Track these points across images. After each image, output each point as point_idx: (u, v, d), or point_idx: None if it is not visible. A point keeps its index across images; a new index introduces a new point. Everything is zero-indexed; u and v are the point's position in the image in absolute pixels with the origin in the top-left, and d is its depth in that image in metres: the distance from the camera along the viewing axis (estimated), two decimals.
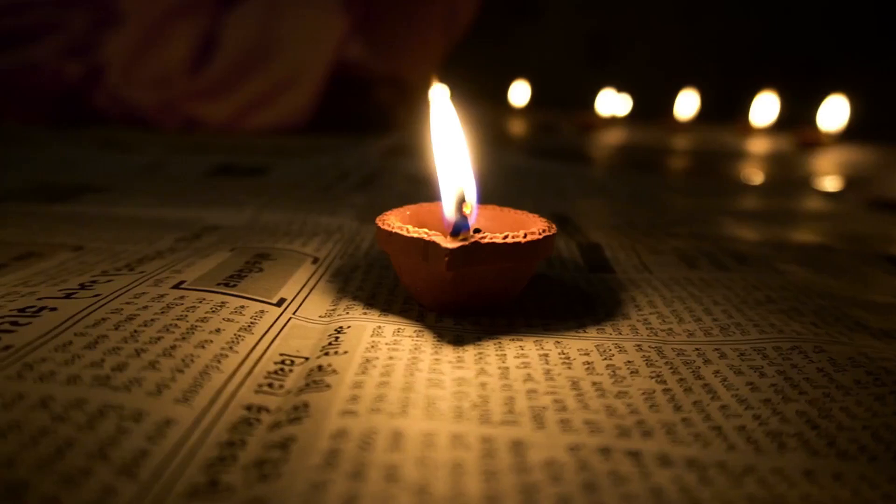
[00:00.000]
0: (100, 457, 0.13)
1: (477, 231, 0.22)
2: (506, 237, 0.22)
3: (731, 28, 1.43)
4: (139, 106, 0.88)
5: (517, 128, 1.19)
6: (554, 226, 0.24)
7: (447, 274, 0.21)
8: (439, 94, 0.23)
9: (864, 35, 1.30)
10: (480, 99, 1.21)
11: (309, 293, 0.25)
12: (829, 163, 0.84)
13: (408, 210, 0.26)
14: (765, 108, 1.13)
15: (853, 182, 0.66)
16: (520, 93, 1.47)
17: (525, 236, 0.22)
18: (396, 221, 0.23)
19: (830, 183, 0.65)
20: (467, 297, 0.23)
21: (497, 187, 0.51)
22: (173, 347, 0.18)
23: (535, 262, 0.23)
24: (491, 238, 0.22)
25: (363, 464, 0.14)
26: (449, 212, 0.22)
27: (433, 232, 0.22)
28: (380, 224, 0.23)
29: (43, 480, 0.12)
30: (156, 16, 0.92)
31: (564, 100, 1.43)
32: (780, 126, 1.13)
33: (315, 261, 0.28)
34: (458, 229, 0.22)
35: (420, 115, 1.07)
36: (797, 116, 1.09)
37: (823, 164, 0.83)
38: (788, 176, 0.70)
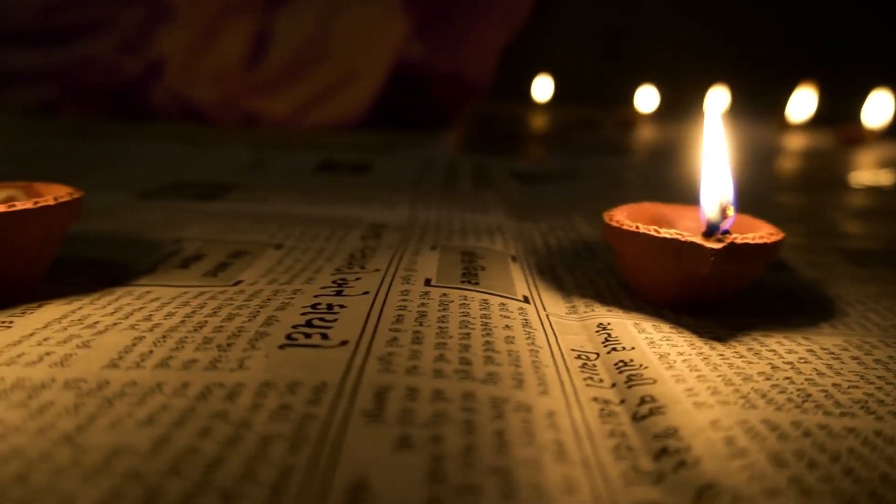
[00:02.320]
0: (531, 445, 0.14)
1: (725, 232, 0.23)
2: (754, 238, 0.23)
3: (756, 20, 1.44)
4: (198, 102, 0.88)
5: (549, 124, 1.20)
6: (778, 229, 0.25)
7: (702, 273, 0.22)
8: (713, 105, 0.24)
9: None
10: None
11: (537, 291, 0.26)
12: (876, 160, 0.85)
13: (625, 210, 0.27)
14: (802, 103, 1.15)
15: None
16: (543, 88, 1.47)
17: (770, 237, 0.23)
18: (629, 221, 0.24)
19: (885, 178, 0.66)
20: (708, 295, 0.24)
21: (598, 183, 0.52)
22: (488, 342, 0.19)
23: (769, 262, 0.25)
24: (743, 239, 0.23)
25: (774, 452, 0.15)
26: (711, 213, 0.23)
27: (685, 232, 0.23)
28: (614, 223, 0.24)
29: (519, 468, 0.13)
30: (211, 12, 0.92)
31: (585, 95, 1.43)
32: (817, 122, 1.14)
33: (514, 258, 0.29)
34: (713, 230, 0.23)
35: (474, 112, 1.07)
36: (834, 112, 1.10)
37: (870, 160, 0.84)
38: (853, 173, 0.72)
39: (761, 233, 0.24)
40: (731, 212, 0.23)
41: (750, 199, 0.49)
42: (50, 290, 0.23)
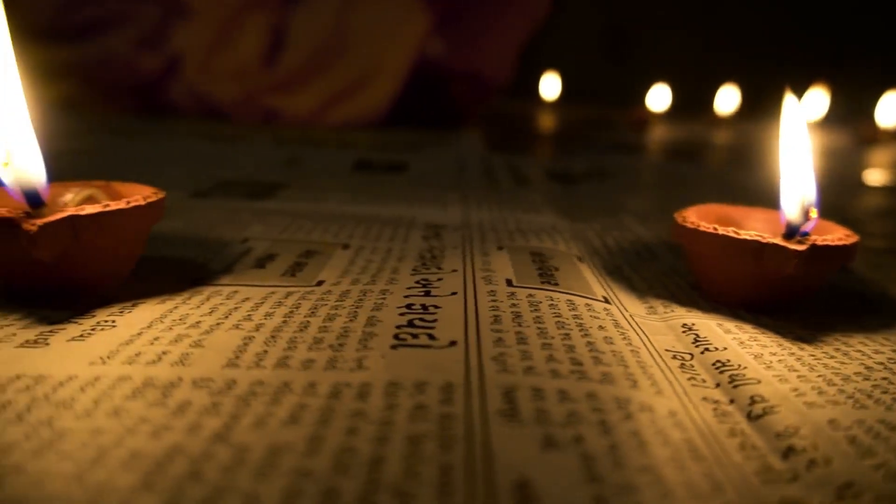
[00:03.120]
0: (667, 445, 0.15)
1: (804, 234, 0.24)
2: (833, 240, 0.23)
3: (767, 19, 1.43)
4: (218, 99, 0.88)
5: (561, 123, 1.20)
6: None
7: (784, 274, 0.23)
8: (792, 103, 0.24)
9: None
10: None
11: (612, 292, 0.26)
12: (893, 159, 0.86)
13: (693, 211, 0.27)
14: (814, 102, 1.15)
15: None
16: (550, 86, 1.46)
17: (847, 238, 0.24)
18: (704, 223, 0.25)
19: None
20: (784, 296, 0.24)
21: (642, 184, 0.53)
22: (589, 343, 0.20)
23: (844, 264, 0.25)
24: (823, 241, 0.23)
25: None
26: (791, 214, 0.23)
27: (764, 234, 0.23)
28: (690, 225, 0.25)
29: (665, 467, 0.14)
30: (227, 9, 0.92)
31: (593, 93, 1.43)
32: (828, 122, 1.14)
33: (580, 259, 0.30)
34: (794, 232, 0.23)
35: (490, 110, 1.07)
36: (845, 112, 1.11)
37: (887, 159, 0.85)
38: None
39: (839, 234, 0.24)
40: (814, 214, 0.23)
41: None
42: (137, 290, 0.23)
